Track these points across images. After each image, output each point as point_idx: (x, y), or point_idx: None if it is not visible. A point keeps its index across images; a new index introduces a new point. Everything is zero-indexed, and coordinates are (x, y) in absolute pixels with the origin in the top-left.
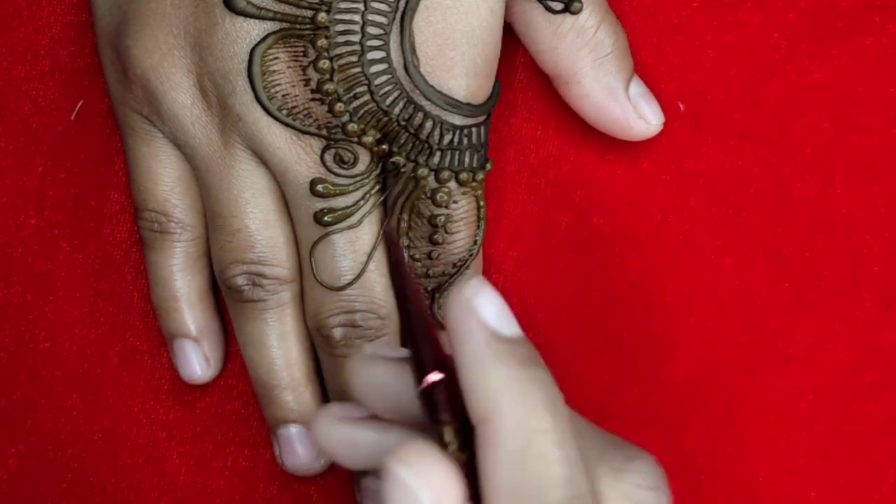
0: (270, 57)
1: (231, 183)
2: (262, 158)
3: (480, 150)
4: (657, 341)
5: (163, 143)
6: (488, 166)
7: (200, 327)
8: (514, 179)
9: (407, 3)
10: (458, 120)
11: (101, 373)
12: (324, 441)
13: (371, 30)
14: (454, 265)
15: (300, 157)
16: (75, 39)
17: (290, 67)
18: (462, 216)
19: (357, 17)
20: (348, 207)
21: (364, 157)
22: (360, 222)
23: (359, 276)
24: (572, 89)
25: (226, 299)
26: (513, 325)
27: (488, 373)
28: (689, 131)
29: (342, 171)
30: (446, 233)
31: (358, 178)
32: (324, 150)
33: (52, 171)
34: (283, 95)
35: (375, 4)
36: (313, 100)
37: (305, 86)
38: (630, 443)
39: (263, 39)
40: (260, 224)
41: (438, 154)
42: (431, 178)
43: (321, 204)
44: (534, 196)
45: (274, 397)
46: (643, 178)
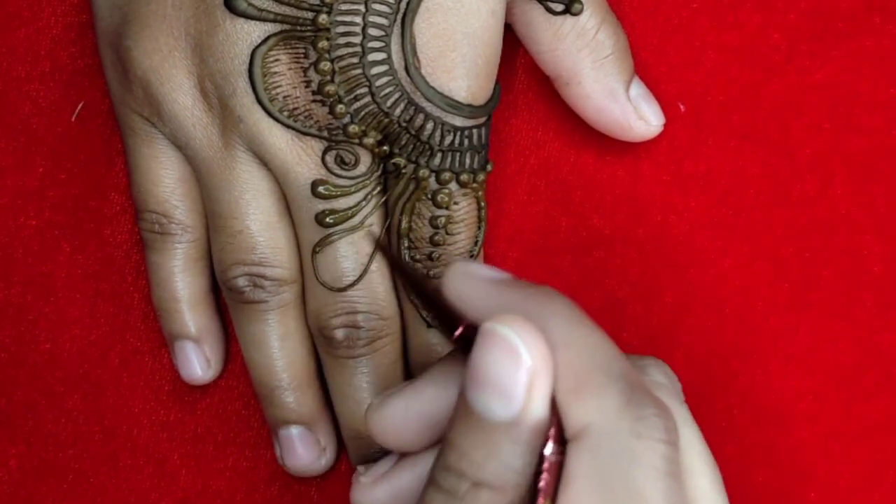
0: (271, 58)
1: (232, 184)
2: (263, 160)
3: (481, 151)
4: (657, 341)
5: (163, 144)
6: (489, 167)
7: (201, 328)
8: (515, 180)
9: (408, 4)
10: (458, 121)
11: (102, 373)
12: None
13: (372, 31)
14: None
15: (301, 158)
16: (76, 40)
17: (290, 69)
18: (463, 217)
19: (358, 19)
20: (350, 209)
21: (365, 159)
22: (361, 223)
23: (361, 276)
24: (573, 90)
25: (227, 300)
26: (507, 275)
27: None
28: (690, 132)
29: (343, 173)
30: (447, 234)
31: (359, 180)
32: (325, 152)
33: (53, 172)
34: (284, 97)
35: (376, 6)
36: (314, 101)
37: (306, 87)
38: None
39: (264, 41)
40: (261, 225)
41: (439, 155)
42: (432, 179)
43: (322, 205)
44: (534, 197)
45: (275, 398)
46: (643, 179)
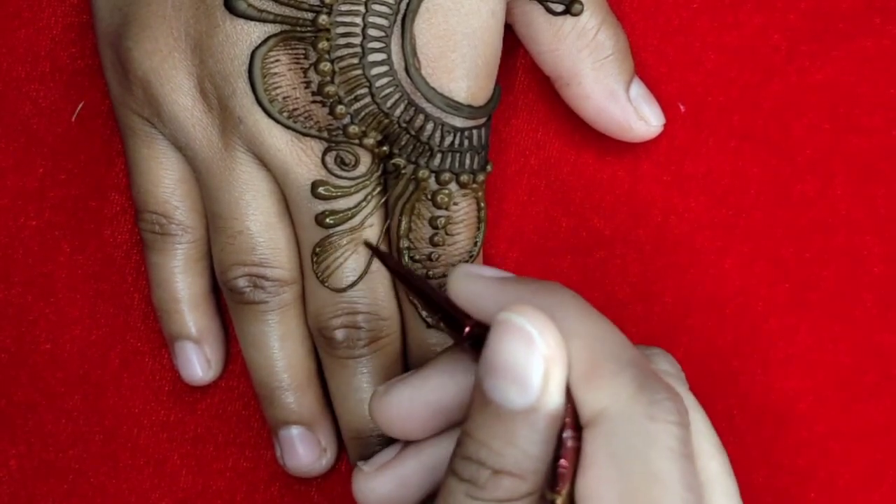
0: (271, 59)
1: (232, 185)
2: (263, 161)
3: (481, 151)
4: (657, 341)
5: (163, 144)
6: (489, 168)
7: (201, 329)
8: (515, 181)
9: (408, 5)
10: (458, 122)
11: (102, 374)
12: (370, 498)
13: (372, 32)
14: (454, 267)
15: (301, 159)
16: (76, 41)
17: (290, 70)
18: (462, 218)
19: (358, 20)
20: (350, 209)
21: (365, 159)
22: (361, 224)
23: (361, 277)
24: (573, 91)
25: (227, 301)
26: (510, 275)
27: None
28: (690, 132)
29: (343, 173)
30: (447, 234)
31: (359, 180)
32: (325, 153)
33: (53, 173)
34: (284, 98)
35: (376, 7)
36: (314, 102)
37: (306, 88)
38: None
39: (264, 42)
40: (261, 226)
41: (439, 156)
42: (432, 179)
43: (322, 206)
44: (534, 197)
45: (275, 398)
46: (644, 180)
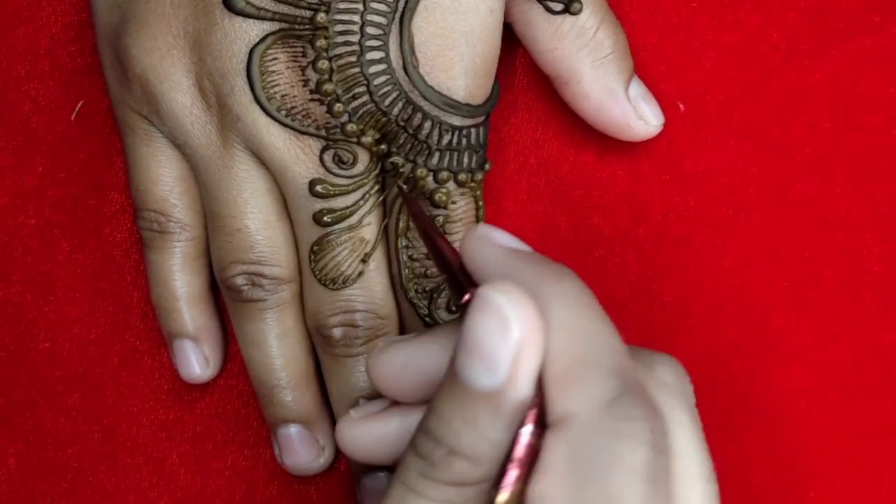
0: (269, 57)
1: (230, 183)
2: (261, 159)
3: (479, 150)
4: (657, 341)
5: (162, 142)
6: (487, 167)
7: (200, 327)
8: (514, 180)
9: (406, 3)
10: (456, 120)
11: (101, 372)
12: (350, 444)
13: (370, 30)
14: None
15: (299, 157)
16: (75, 39)
17: (288, 68)
18: (460, 217)
19: (356, 18)
20: (348, 208)
21: (363, 158)
22: (359, 222)
23: (359, 275)
24: (572, 90)
25: (225, 299)
26: (526, 247)
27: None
28: (689, 131)
29: (341, 172)
30: (444, 233)
31: (357, 179)
32: (323, 151)
33: (52, 171)
34: (282, 96)
35: (374, 5)
36: (312, 100)
37: (304, 86)
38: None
39: (262, 40)
40: (259, 224)
41: (437, 154)
42: (430, 178)
43: (320, 204)
44: (533, 196)
45: (274, 397)
46: (643, 179)
